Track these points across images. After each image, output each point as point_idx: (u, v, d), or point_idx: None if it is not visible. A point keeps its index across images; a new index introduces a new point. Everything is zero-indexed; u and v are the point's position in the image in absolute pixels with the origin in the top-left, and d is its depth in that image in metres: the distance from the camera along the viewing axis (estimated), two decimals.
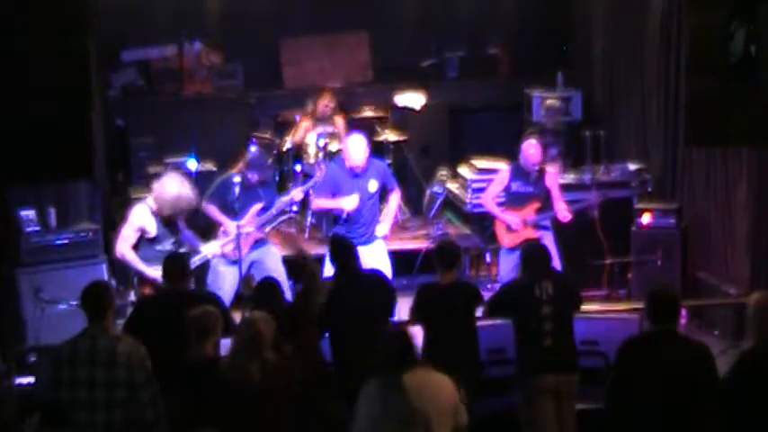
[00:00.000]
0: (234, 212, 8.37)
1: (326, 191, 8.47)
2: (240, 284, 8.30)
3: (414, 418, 5.17)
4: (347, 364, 6.67)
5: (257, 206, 8.41)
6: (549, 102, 10.74)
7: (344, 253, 7.01)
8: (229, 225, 8.32)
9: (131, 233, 7.73)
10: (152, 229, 7.73)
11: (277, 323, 6.06)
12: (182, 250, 7.78)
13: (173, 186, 7.74)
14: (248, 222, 8.34)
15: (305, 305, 6.76)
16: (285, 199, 8.73)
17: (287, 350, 6.01)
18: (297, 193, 8.86)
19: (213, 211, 8.46)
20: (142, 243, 7.76)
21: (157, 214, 7.73)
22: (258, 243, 8.51)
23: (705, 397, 5.46)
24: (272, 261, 8.51)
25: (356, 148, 8.32)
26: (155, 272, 7.57)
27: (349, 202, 8.28)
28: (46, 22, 6.36)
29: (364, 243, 8.20)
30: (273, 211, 8.57)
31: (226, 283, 8.34)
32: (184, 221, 8.05)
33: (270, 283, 6.64)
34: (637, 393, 5.57)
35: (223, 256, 8.38)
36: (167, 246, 7.77)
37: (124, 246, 7.73)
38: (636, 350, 5.67)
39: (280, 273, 8.35)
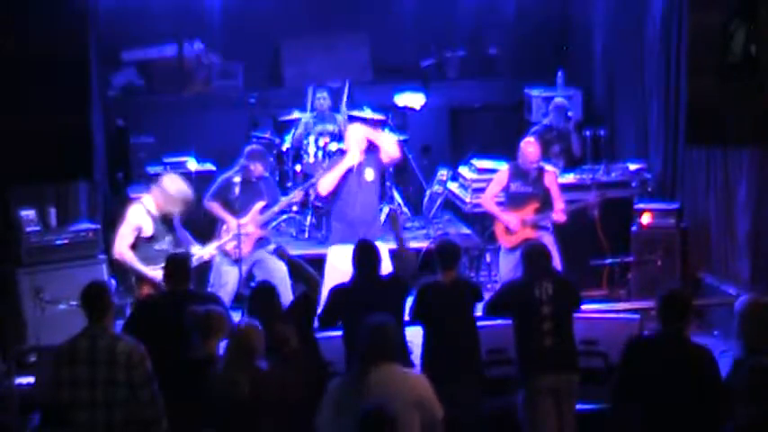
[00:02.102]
0: (235, 211, 8.37)
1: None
2: (241, 284, 8.30)
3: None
4: None
5: (260, 204, 8.41)
6: (557, 100, 10.72)
7: (369, 257, 6.97)
8: (232, 222, 8.33)
9: (129, 232, 7.75)
10: (148, 228, 7.74)
11: (272, 328, 6.07)
12: (179, 249, 7.78)
13: (176, 184, 7.79)
14: (250, 220, 8.34)
15: (304, 307, 6.77)
16: (285, 199, 8.74)
17: (292, 347, 6.02)
18: (297, 193, 8.87)
19: (216, 208, 8.47)
20: (139, 242, 7.76)
21: (155, 212, 7.75)
22: (261, 242, 8.50)
23: (705, 400, 5.44)
24: (274, 261, 8.50)
25: (355, 136, 8.39)
26: (153, 271, 7.58)
27: (352, 157, 8.31)
28: (46, 22, 6.37)
29: None
30: (276, 209, 8.57)
31: (228, 282, 8.34)
32: (180, 221, 8.05)
33: (265, 289, 6.63)
34: (639, 392, 5.57)
35: (225, 255, 8.38)
36: (165, 244, 7.78)
37: (122, 245, 7.74)
38: (639, 350, 5.67)
39: (281, 273, 8.35)
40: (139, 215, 7.76)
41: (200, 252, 8.17)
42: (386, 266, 8.14)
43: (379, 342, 5.41)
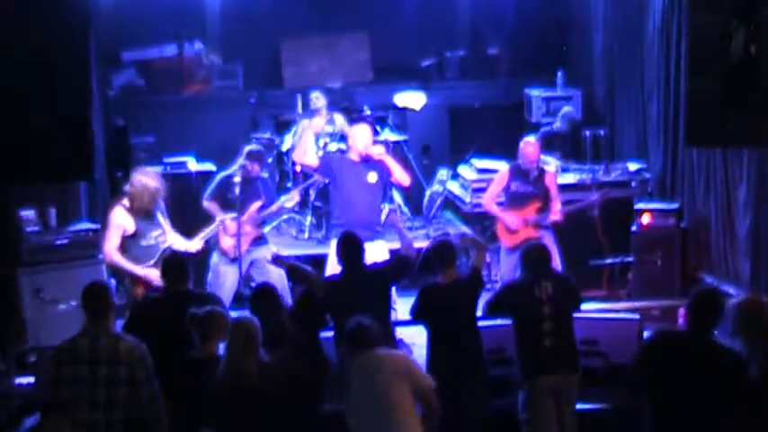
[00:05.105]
0: (232, 210, 8.38)
1: (323, 176, 8.63)
2: (240, 284, 8.31)
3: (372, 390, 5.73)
4: None
5: (257, 204, 8.42)
6: (565, 109, 10.79)
7: (350, 251, 7.01)
8: (229, 222, 8.34)
9: (114, 234, 7.80)
10: (130, 226, 7.79)
11: (274, 328, 6.08)
12: (166, 243, 7.82)
13: (142, 179, 7.82)
14: (247, 220, 8.35)
15: (305, 307, 6.78)
16: (282, 200, 8.74)
17: (289, 352, 6.03)
18: (294, 195, 8.87)
19: (213, 208, 8.48)
20: (127, 242, 7.80)
21: (133, 210, 7.78)
22: (257, 242, 8.51)
23: (730, 401, 5.40)
24: (267, 267, 8.46)
25: (361, 136, 8.38)
26: (144, 270, 7.62)
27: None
28: (46, 21, 6.37)
29: (364, 240, 8.19)
30: (274, 208, 8.57)
31: (226, 282, 8.35)
32: (165, 211, 8.08)
33: (265, 289, 6.64)
34: (660, 390, 5.54)
35: (223, 254, 8.39)
36: (151, 240, 7.82)
37: (110, 248, 7.80)
38: (663, 347, 5.62)
39: (278, 273, 8.35)
40: (120, 216, 7.81)
41: (180, 242, 8.13)
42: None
43: (356, 334, 5.89)
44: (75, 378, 5.57)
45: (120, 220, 7.80)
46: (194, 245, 8.19)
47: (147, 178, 7.85)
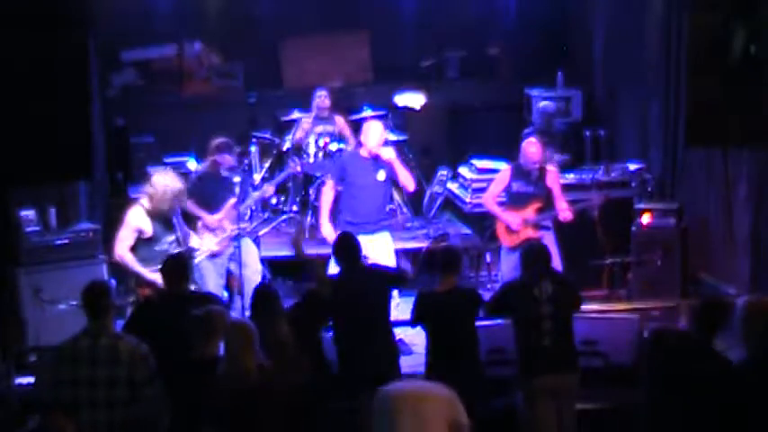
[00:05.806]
0: (209, 207, 8.41)
1: (336, 176, 8.58)
2: (225, 278, 8.40)
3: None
4: (351, 363, 6.78)
5: (232, 200, 8.44)
6: (542, 104, 10.77)
7: (348, 252, 7.03)
8: (208, 218, 8.36)
9: (129, 235, 7.78)
10: (148, 229, 7.78)
11: (273, 330, 6.09)
12: (180, 249, 7.81)
13: (163, 180, 7.82)
14: (225, 216, 8.37)
15: (307, 307, 6.78)
16: (257, 193, 8.76)
17: (289, 353, 6.03)
18: (268, 188, 8.89)
19: (191, 206, 8.47)
20: (140, 244, 7.79)
21: (152, 213, 7.76)
22: (236, 237, 8.53)
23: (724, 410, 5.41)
24: (246, 254, 8.43)
25: (374, 133, 8.44)
26: (153, 273, 7.61)
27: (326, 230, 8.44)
28: (46, 21, 6.37)
29: (370, 233, 8.21)
30: (249, 203, 8.58)
31: (209, 278, 8.36)
32: (182, 218, 8.09)
33: (266, 291, 6.66)
34: (658, 391, 5.54)
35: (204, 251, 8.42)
36: (165, 245, 7.80)
37: (122, 248, 7.77)
38: (665, 347, 5.62)
39: (255, 267, 8.38)
40: (138, 217, 7.78)
41: (204, 246, 8.20)
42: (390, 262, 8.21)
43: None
44: (76, 379, 5.57)
45: (138, 221, 7.78)
46: (209, 247, 8.26)
47: (168, 180, 7.83)
